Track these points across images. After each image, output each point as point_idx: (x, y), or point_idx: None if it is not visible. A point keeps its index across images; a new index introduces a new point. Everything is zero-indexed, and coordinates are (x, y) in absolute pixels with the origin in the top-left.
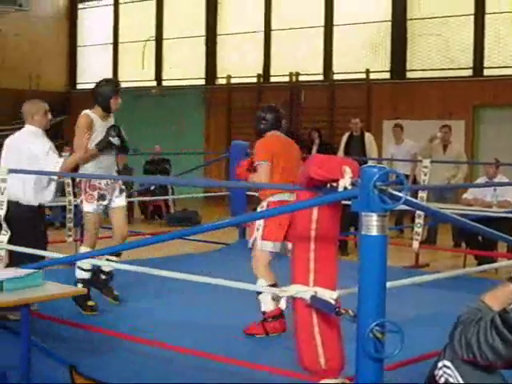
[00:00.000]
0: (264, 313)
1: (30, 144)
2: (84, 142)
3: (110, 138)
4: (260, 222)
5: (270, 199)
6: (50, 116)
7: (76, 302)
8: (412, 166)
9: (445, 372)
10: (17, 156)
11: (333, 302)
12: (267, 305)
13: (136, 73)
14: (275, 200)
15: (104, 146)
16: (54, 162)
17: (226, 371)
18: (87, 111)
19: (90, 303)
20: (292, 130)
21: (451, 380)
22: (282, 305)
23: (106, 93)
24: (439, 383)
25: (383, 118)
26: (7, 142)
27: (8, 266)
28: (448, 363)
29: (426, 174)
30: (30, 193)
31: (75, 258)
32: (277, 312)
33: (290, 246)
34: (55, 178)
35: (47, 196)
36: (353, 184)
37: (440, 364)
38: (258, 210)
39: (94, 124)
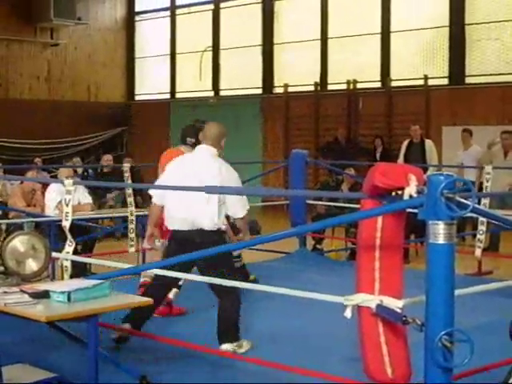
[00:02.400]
0: None
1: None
2: None
3: None
4: None
5: None
6: None
7: None
8: (477, 173)
9: None
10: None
11: (399, 310)
12: None
13: (193, 83)
14: None
15: None
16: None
17: (291, 380)
18: None
19: None
20: (350, 137)
21: None
22: (348, 313)
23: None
24: None
25: (442, 125)
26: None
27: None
28: None
29: (488, 181)
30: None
31: (140, 269)
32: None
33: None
34: None
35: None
36: (418, 192)
37: None
38: None
39: None
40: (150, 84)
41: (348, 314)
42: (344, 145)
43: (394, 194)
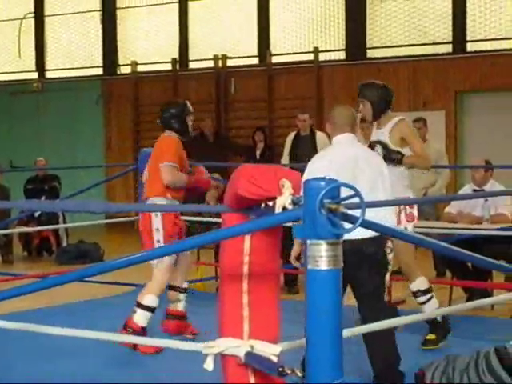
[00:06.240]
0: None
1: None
2: None
3: None
4: None
5: None
6: None
7: None
8: None
9: None
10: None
11: (275, 358)
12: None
13: (11, 62)
14: None
15: None
16: None
17: None
18: None
19: None
20: (220, 130)
21: None
22: (209, 365)
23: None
24: None
25: None
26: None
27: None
28: None
29: None
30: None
31: None
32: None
33: None
34: None
35: None
36: (294, 203)
37: None
38: None
39: None
40: None
41: (209, 365)
42: (211, 141)
43: (263, 205)
